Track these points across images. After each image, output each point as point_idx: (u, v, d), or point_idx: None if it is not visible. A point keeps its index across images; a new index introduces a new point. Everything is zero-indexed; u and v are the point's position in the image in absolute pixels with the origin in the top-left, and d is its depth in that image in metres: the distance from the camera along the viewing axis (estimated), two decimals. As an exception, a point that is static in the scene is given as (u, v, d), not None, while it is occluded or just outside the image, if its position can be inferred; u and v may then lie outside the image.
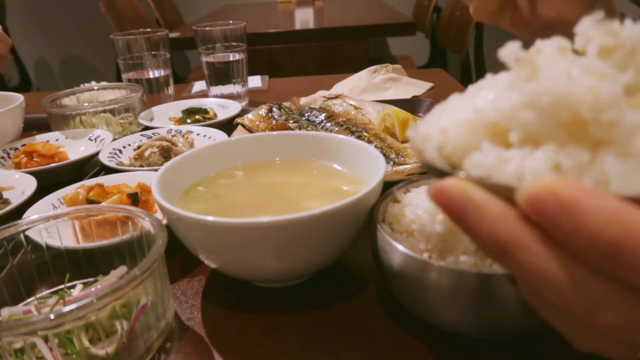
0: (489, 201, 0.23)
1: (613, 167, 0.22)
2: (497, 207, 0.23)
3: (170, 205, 0.43)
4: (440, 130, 0.27)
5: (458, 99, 0.29)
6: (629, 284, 0.21)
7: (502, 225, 0.22)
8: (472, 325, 0.38)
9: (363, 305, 0.46)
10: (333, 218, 0.41)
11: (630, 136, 0.22)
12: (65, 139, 0.85)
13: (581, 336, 0.26)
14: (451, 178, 0.24)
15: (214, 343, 0.43)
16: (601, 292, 0.22)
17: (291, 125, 0.79)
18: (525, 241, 0.22)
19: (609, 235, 0.20)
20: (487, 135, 0.25)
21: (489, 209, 0.23)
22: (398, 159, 0.69)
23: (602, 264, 0.21)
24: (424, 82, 1.09)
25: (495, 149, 0.24)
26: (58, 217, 0.47)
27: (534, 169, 0.23)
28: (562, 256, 0.22)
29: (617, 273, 0.21)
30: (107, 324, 0.38)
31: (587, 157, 0.22)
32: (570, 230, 0.21)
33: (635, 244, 0.20)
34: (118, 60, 1.04)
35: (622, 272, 0.21)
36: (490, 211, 0.23)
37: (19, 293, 0.45)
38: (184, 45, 2.12)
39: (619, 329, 0.22)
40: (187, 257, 0.53)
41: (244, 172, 0.57)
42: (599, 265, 0.21)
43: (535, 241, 0.22)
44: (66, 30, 3.78)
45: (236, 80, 1.08)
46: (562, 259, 0.22)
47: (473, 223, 0.23)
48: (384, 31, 2.27)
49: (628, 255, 0.20)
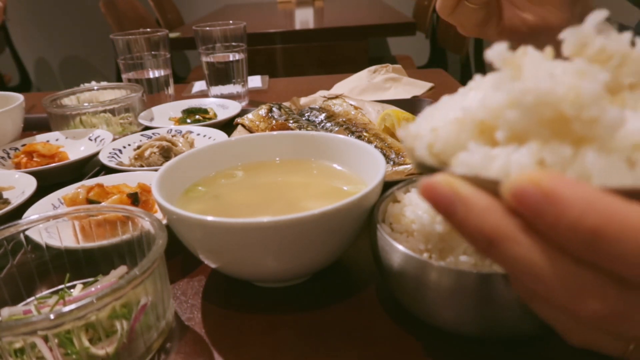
0: (476, 195, 0.23)
1: (594, 162, 0.22)
2: (483, 200, 0.23)
3: (170, 205, 0.43)
4: (431, 129, 0.28)
5: (449, 100, 0.30)
6: (611, 273, 0.21)
7: (488, 217, 0.23)
8: (472, 325, 0.38)
9: (363, 305, 0.46)
10: (333, 218, 0.41)
11: (611, 132, 0.22)
12: (65, 139, 0.85)
13: (572, 330, 0.26)
14: (440, 174, 0.25)
15: (214, 343, 0.43)
16: (584, 282, 0.22)
17: (291, 125, 0.79)
18: (510, 233, 0.22)
19: (588, 223, 0.20)
20: (475, 133, 0.26)
21: (476, 202, 0.23)
22: (398, 159, 0.69)
23: (584, 253, 0.21)
24: (424, 82, 1.09)
25: (482, 147, 0.25)
26: (58, 217, 0.47)
27: (519, 164, 0.23)
28: (546, 247, 0.22)
29: (598, 262, 0.21)
30: (107, 324, 0.38)
31: (570, 152, 0.23)
32: (552, 220, 0.21)
33: (614, 231, 0.20)
34: (118, 60, 1.04)
35: (603, 261, 0.21)
36: (477, 204, 0.23)
37: (19, 293, 0.45)
38: (184, 45, 2.12)
39: (604, 319, 0.22)
40: (187, 257, 0.53)
41: (244, 172, 0.57)
42: (582, 254, 0.21)
43: (520, 232, 0.22)
44: (66, 30, 3.78)
45: (236, 80, 1.08)
46: (545, 249, 0.22)
47: (460, 217, 0.23)
48: (384, 31, 2.27)
49: (607, 243, 0.20)
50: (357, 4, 3.02)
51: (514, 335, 0.39)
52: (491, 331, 0.38)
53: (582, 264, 0.22)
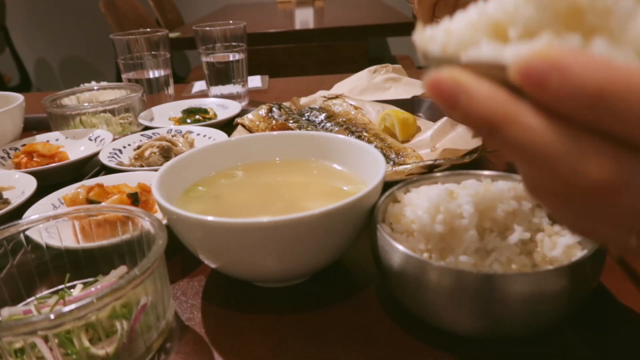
0: (478, 83, 0.24)
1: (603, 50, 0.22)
2: (485, 87, 0.24)
3: (170, 205, 0.43)
4: (445, 30, 0.27)
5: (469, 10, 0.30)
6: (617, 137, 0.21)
7: (491, 102, 0.23)
8: (472, 325, 0.38)
9: (363, 305, 0.46)
10: (333, 218, 0.41)
11: (624, 23, 0.22)
12: (65, 139, 0.85)
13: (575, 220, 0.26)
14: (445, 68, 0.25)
15: (214, 343, 0.43)
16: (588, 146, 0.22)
17: (291, 125, 0.79)
18: (513, 114, 0.23)
19: (593, 83, 0.20)
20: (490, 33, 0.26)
21: (478, 89, 0.24)
22: (398, 159, 0.69)
23: (589, 117, 0.21)
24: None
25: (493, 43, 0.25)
26: (58, 217, 0.47)
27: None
28: (550, 120, 0.22)
29: (604, 124, 0.21)
30: (107, 324, 0.38)
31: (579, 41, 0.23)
32: (557, 85, 0.21)
33: (619, 90, 0.20)
34: (118, 60, 1.04)
35: (608, 122, 0.21)
36: (480, 91, 0.23)
37: (19, 293, 0.45)
38: (184, 45, 2.12)
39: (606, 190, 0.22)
40: (187, 257, 0.53)
41: (244, 172, 0.57)
42: (587, 119, 0.21)
43: (523, 112, 0.23)
44: (66, 30, 3.78)
45: (236, 80, 1.08)
46: (549, 123, 0.22)
47: (463, 105, 0.24)
48: (384, 31, 2.27)
49: (613, 102, 0.20)
50: (357, 4, 3.02)
51: (514, 335, 0.39)
52: (491, 331, 0.38)
53: (587, 130, 0.22)
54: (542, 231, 0.42)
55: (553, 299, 0.36)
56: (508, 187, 0.44)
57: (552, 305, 0.36)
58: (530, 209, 0.43)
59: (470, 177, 0.48)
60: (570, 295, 0.37)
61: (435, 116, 0.84)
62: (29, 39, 3.75)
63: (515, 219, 0.42)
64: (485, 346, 0.40)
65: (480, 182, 0.46)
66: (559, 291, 0.36)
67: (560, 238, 0.40)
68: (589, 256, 0.37)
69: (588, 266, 0.37)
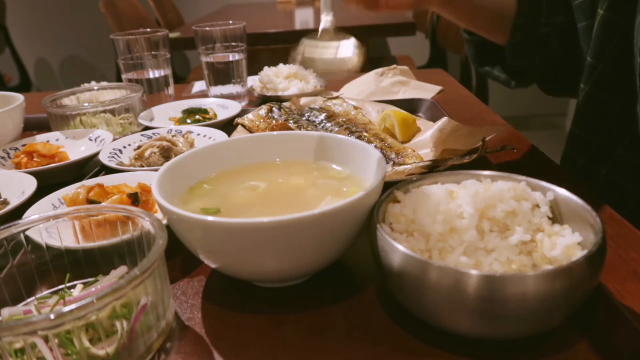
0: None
1: None
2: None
3: (170, 205, 0.43)
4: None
5: None
6: None
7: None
8: (471, 325, 0.38)
9: (363, 305, 0.46)
10: (333, 218, 0.41)
11: None
12: (65, 139, 0.85)
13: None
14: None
15: (214, 343, 0.43)
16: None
17: (291, 125, 0.79)
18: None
19: None
20: None
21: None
22: (398, 159, 0.69)
23: None
24: (432, 86, 1.02)
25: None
26: (58, 217, 0.47)
27: None
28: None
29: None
30: (107, 324, 0.38)
31: None
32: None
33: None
34: (118, 60, 1.04)
35: None
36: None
37: (19, 293, 0.45)
38: (184, 45, 2.11)
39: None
40: (187, 257, 0.53)
41: (243, 172, 0.57)
42: None
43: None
44: (66, 30, 3.78)
45: (236, 80, 1.08)
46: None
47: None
48: (384, 31, 2.27)
49: None
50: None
51: (513, 335, 0.39)
52: (490, 331, 0.38)
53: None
54: (542, 231, 0.42)
55: (553, 299, 0.36)
56: (508, 187, 0.44)
57: (552, 305, 0.36)
58: (530, 209, 0.43)
59: (470, 177, 0.48)
60: (570, 295, 0.37)
61: (435, 116, 0.84)
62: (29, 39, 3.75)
63: (515, 219, 0.42)
64: (485, 346, 0.40)
65: (480, 182, 0.46)
66: (559, 291, 0.36)
67: (560, 238, 0.40)
68: (588, 256, 0.37)
69: (588, 266, 0.37)
